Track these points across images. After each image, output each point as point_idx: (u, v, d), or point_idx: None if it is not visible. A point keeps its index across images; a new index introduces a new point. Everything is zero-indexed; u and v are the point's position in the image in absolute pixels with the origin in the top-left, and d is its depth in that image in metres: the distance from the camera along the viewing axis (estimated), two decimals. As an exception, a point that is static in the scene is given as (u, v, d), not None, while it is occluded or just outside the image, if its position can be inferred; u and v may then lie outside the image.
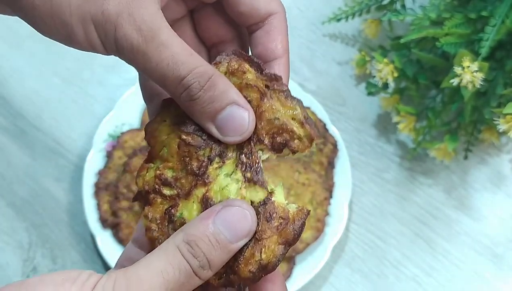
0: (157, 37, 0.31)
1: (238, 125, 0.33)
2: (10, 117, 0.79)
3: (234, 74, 0.34)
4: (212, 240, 0.31)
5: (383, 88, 0.73)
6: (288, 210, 0.33)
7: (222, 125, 0.33)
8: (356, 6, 0.76)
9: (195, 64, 0.32)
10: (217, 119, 0.33)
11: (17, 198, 0.74)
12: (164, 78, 0.32)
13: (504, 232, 0.72)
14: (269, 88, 0.34)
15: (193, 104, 0.32)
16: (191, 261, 0.30)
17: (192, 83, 0.32)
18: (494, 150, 0.76)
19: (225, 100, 0.32)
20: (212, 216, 0.31)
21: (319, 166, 0.72)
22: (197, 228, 0.31)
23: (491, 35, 0.62)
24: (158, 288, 0.29)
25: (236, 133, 0.33)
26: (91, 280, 0.29)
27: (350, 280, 0.70)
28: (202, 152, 0.34)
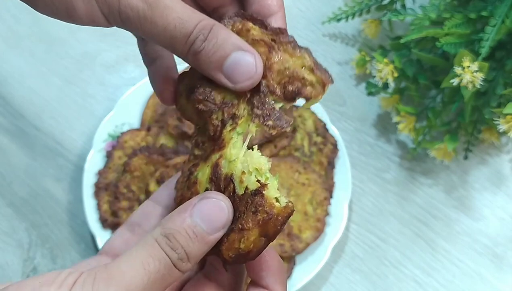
0: (161, 2, 0.32)
1: (245, 69, 0.33)
2: (10, 117, 0.79)
3: (240, 34, 0.35)
4: (189, 232, 0.31)
5: (383, 88, 0.73)
6: (274, 205, 0.32)
7: (230, 72, 0.33)
8: (356, 6, 0.76)
9: (198, 19, 0.33)
10: (224, 67, 0.33)
11: (17, 198, 0.74)
12: (172, 40, 0.33)
13: (504, 232, 0.72)
14: (275, 42, 0.35)
15: (200, 57, 0.33)
16: (169, 253, 0.31)
17: (197, 36, 0.33)
18: (494, 150, 0.76)
19: (228, 46, 0.33)
20: (189, 209, 0.32)
21: (319, 166, 0.72)
22: (175, 221, 0.31)
23: (491, 35, 0.62)
24: (140, 279, 0.30)
25: (245, 78, 0.33)
26: (69, 279, 0.29)
27: (350, 280, 0.70)
28: (215, 116, 0.35)
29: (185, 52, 0.33)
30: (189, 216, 0.31)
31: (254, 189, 0.32)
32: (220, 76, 0.34)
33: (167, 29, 0.33)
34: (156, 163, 0.70)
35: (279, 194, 0.33)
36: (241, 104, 0.34)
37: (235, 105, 0.34)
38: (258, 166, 0.33)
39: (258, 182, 0.32)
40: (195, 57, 0.33)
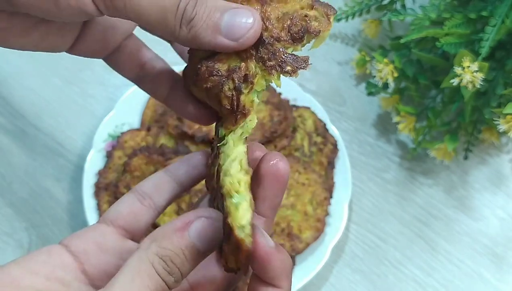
0: None
1: (244, 22, 0.32)
2: (10, 117, 0.79)
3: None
4: (186, 253, 0.31)
5: (383, 88, 0.73)
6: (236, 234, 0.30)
7: (230, 30, 0.32)
8: (356, 6, 0.76)
9: None
10: (222, 27, 0.32)
11: (17, 198, 0.74)
12: (162, 10, 0.32)
13: (504, 232, 0.72)
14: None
15: (194, 25, 0.32)
16: (166, 278, 0.30)
17: (188, 2, 0.32)
18: (494, 150, 0.76)
19: (220, 8, 0.32)
20: (186, 228, 0.31)
21: (319, 166, 0.72)
22: (171, 241, 0.31)
23: (491, 35, 0.62)
24: None
25: (247, 30, 0.32)
26: None
27: (350, 280, 0.70)
28: (227, 87, 0.33)
29: (178, 23, 0.32)
30: (186, 235, 0.31)
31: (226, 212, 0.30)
32: (221, 39, 0.32)
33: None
34: (156, 163, 0.70)
35: (246, 225, 0.30)
36: (250, 64, 0.33)
37: (243, 68, 0.33)
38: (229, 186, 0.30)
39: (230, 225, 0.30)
40: (189, 26, 0.32)
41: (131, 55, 0.40)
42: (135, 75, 0.42)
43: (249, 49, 0.33)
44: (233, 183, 0.30)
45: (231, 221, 0.29)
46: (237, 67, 0.33)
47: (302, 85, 0.79)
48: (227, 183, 0.30)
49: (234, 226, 0.29)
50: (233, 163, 0.31)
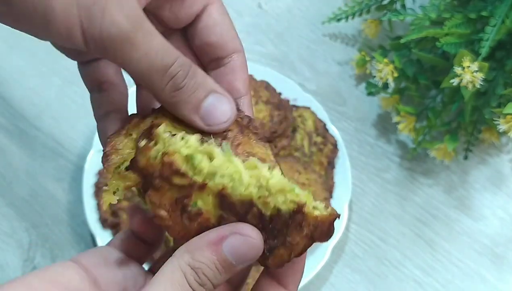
0: (144, 26, 0.31)
1: (222, 112, 0.33)
2: (10, 117, 0.79)
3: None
4: (218, 266, 0.31)
5: (383, 88, 0.73)
6: (318, 216, 0.31)
7: (207, 114, 0.33)
8: (356, 6, 0.77)
9: (178, 53, 0.32)
10: (202, 108, 0.33)
11: (17, 198, 0.74)
12: (150, 68, 0.31)
13: (504, 232, 0.72)
14: (247, 127, 0.35)
15: (178, 94, 0.32)
16: (197, 290, 0.30)
17: (178, 71, 0.32)
18: (494, 150, 0.76)
19: (206, 88, 0.33)
20: (221, 243, 0.31)
21: (319, 166, 0.72)
22: (204, 254, 0.31)
23: (491, 35, 0.62)
24: None
25: (221, 120, 0.33)
26: None
27: (350, 280, 0.70)
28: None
29: (163, 85, 0.32)
30: (219, 249, 0.31)
31: (292, 210, 0.31)
32: (195, 118, 0.33)
33: (148, 55, 0.31)
34: (156, 163, 0.70)
35: (316, 204, 0.32)
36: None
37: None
38: (281, 187, 0.32)
39: (294, 202, 0.31)
40: (173, 94, 0.32)
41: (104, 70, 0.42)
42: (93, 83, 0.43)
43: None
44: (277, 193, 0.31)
45: (307, 209, 0.31)
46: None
47: (302, 85, 0.79)
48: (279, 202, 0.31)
49: (311, 211, 0.31)
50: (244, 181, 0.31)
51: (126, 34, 0.30)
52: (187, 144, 0.31)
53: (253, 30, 0.84)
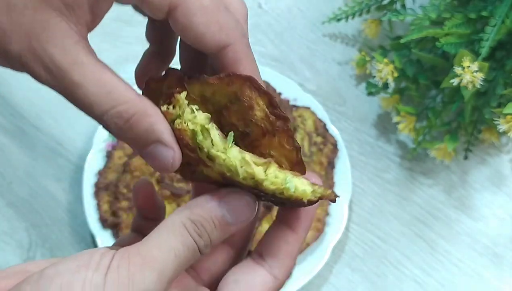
0: (67, 77, 0.29)
1: (161, 163, 0.32)
2: (10, 117, 0.79)
3: (240, 102, 0.32)
4: (215, 221, 0.32)
5: (383, 88, 0.73)
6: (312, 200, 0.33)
7: (148, 159, 0.32)
8: (356, 6, 0.77)
9: (111, 104, 0.30)
10: (143, 153, 0.32)
11: (17, 198, 0.74)
12: (84, 110, 0.31)
13: (504, 232, 0.72)
14: (274, 127, 0.32)
15: (118, 137, 0.32)
16: (197, 240, 0.31)
17: (110, 123, 0.31)
18: (494, 150, 0.76)
19: (148, 138, 0.31)
20: (218, 199, 0.32)
21: (319, 166, 0.72)
22: (203, 208, 0.32)
23: (491, 35, 0.62)
24: (171, 265, 0.30)
25: (162, 169, 0.32)
26: (104, 261, 0.29)
27: (350, 280, 0.70)
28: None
29: (104, 126, 0.32)
30: (217, 205, 0.32)
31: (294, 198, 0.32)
32: (142, 156, 0.33)
33: (76, 103, 0.30)
34: (156, 163, 0.70)
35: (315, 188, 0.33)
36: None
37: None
38: (275, 188, 0.32)
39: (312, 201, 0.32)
40: (114, 135, 0.32)
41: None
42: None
43: None
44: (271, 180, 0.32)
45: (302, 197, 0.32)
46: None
47: (302, 85, 0.79)
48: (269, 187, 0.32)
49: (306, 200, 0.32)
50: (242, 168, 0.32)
51: (48, 84, 0.30)
52: (194, 120, 0.32)
53: (253, 30, 0.84)
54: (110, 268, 0.29)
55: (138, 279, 0.29)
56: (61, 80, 0.30)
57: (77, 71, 0.30)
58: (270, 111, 0.32)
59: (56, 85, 0.30)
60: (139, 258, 0.29)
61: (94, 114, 0.31)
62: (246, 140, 0.33)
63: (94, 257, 0.29)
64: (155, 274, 0.29)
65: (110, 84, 0.30)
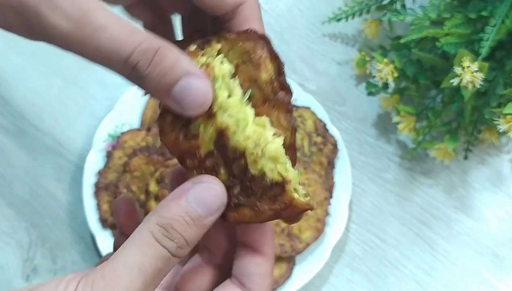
0: (91, 21, 0.28)
1: (195, 96, 0.31)
2: (10, 117, 0.79)
3: (251, 61, 0.33)
4: (186, 219, 0.31)
5: (383, 88, 0.73)
6: (294, 198, 0.32)
7: (180, 99, 0.31)
8: (356, 6, 0.76)
9: (138, 40, 0.29)
10: (173, 93, 0.31)
11: (17, 198, 0.74)
12: (108, 60, 0.30)
13: (504, 232, 0.72)
14: (275, 96, 0.32)
15: (144, 82, 0.30)
16: (168, 245, 0.30)
17: (138, 60, 0.29)
18: (494, 150, 0.76)
19: (177, 72, 0.30)
20: (184, 195, 0.31)
21: (319, 166, 0.72)
22: (170, 209, 0.31)
23: (491, 35, 0.62)
24: (138, 282, 0.29)
25: (195, 105, 0.31)
26: (70, 288, 0.29)
27: (350, 280, 0.70)
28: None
29: (126, 74, 0.30)
30: (184, 201, 0.31)
31: (275, 181, 0.32)
32: (168, 102, 0.31)
33: (100, 50, 0.29)
34: (156, 163, 0.70)
35: (300, 188, 0.32)
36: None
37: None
38: (275, 155, 0.32)
39: (280, 175, 0.32)
40: (138, 82, 0.30)
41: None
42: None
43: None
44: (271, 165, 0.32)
45: (288, 187, 0.31)
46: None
47: (302, 85, 0.79)
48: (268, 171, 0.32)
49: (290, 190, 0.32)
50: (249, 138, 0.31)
51: (69, 36, 0.29)
52: (221, 66, 0.32)
53: (253, 30, 0.84)
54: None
55: None
56: (84, 25, 0.28)
57: (101, 14, 0.29)
58: (275, 78, 0.32)
59: (77, 34, 0.28)
60: (102, 282, 0.29)
61: (118, 58, 0.29)
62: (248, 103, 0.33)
63: (60, 286, 0.29)
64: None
65: (129, 25, 0.30)
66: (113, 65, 0.30)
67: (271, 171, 0.32)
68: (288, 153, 0.32)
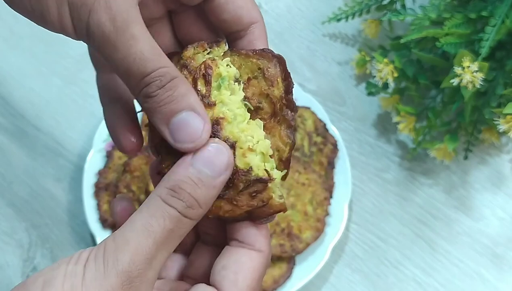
0: (129, 30, 0.31)
1: (191, 132, 0.32)
2: (10, 117, 0.79)
3: (265, 78, 0.35)
4: (194, 179, 0.31)
5: (383, 88, 0.73)
6: (272, 198, 0.33)
7: (175, 129, 0.32)
8: (356, 6, 0.76)
9: (161, 64, 0.32)
10: (172, 122, 0.32)
11: (17, 198, 0.74)
12: (128, 72, 0.31)
13: (504, 232, 0.72)
14: (281, 112, 0.35)
15: (150, 102, 0.32)
16: (175, 204, 0.31)
17: (154, 81, 0.31)
18: (494, 150, 0.76)
19: (182, 103, 0.32)
20: (189, 158, 0.32)
21: (319, 166, 0.72)
22: (178, 172, 0.32)
23: (491, 35, 0.62)
24: (145, 243, 0.30)
25: (188, 140, 0.32)
26: (83, 255, 0.30)
27: (350, 280, 0.70)
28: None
29: (137, 90, 0.32)
30: (190, 164, 0.32)
31: (260, 177, 0.33)
32: (164, 129, 0.32)
33: (126, 60, 0.31)
34: (156, 163, 0.70)
35: (278, 189, 0.34)
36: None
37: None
38: (265, 151, 0.33)
39: (266, 172, 0.33)
40: (145, 100, 0.32)
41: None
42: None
43: None
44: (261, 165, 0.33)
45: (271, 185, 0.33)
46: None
47: (302, 85, 0.79)
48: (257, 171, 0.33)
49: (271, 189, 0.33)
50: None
51: (108, 36, 0.31)
52: (228, 69, 0.34)
53: (253, 30, 0.84)
54: (89, 260, 0.30)
55: (111, 264, 0.29)
56: (123, 31, 0.31)
57: (138, 28, 0.31)
58: (284, 95, 0.35)
59: (115, 37, 0.31)
60: (113, 245, 0.30)
61: (139, 73, 0.31)
62: (255, 116, 0.34)
63: (74, 255, 0.31)
64: (128, 255, 0.30)
65: (158, 47, 0.32)
66: (130, 77, 0.32)
67: (257, 167, 0.33)
68: (283, 165, 0.34)
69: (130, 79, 0.32)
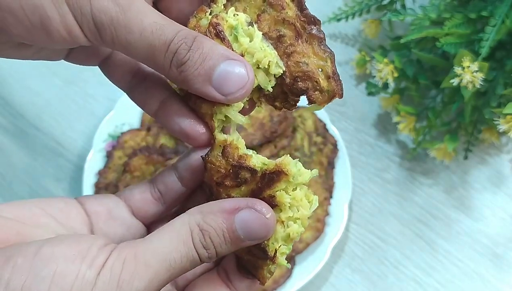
0: (135, 5, 0.30)
1: (237, 79, 0.31)
2: (10, 117, 0.79)
3: (272, 6, 0.34)
4: (226, 236, 0.31)
5: (383, 88, 0.73)
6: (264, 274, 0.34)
7: (221, 83, 0.31)
8: (356, 6, 0.76)
9: (178, 27, 0.31)
10: (214, 78, 0.31)
11: (17, 198, 0.74)
12: (151, 48, 0.31)
13: (504, 232, 0.72)
14: (305, 31, 0.34)
15: (185, 69, 0.31)
16: (201, 251, 0.31)
17: (180, 45, 0.31)
18: (494, 150, 0.76)
19: (216, 56, 0.31)
20: (234, 213, 0.31)
21: (319, 166, 0.72)
22: (215, 219, 0.31)
23: (491, 35, 0.62)
24: (162, 276, 0.30)
25: (237, 88, 0.31)
26: (100, 258, 0.29)
27: (350, 280, 0.70)
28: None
29: (167, 63, 0.31)
30: (231, 219, 0.31)
31: (265, 250, 0.34)
32: (209, 90, 0.31)
33: (144, 35, 0.30)
34: (156, 163, 0.70)
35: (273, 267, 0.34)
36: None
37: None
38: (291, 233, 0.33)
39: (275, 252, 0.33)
40: (180, 69, 0.31)
41: (122, 63, 0.39)
42: (127, 84, 0.40)
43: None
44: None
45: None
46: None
47: (302, 85, 0.79)
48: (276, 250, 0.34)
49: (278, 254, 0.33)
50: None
51: (116, 17, 0.30)
52: (236, 17, 0.34)
53: (253, 30, 0.84)
54: (104, 267, 0.29)
55: (125, 287, 0.29)
56: (128, 9, 0.30)
57: (142, 3, 0.31)
58: (300, 13, 0.34)
59: (124, 17, 0.30)
60: (132, 264, 0.29)
61: (161, 42, 0.31)
62: (281, 47, 0.34)
63: (92, 249, 0.29)
64: (143, 284, 0.29)
65: (165, 16, 0.32)
66: (155, 52, 0.31)
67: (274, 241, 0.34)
68: (330, 81, 0.34)
69: (156, 55, 0.31)
